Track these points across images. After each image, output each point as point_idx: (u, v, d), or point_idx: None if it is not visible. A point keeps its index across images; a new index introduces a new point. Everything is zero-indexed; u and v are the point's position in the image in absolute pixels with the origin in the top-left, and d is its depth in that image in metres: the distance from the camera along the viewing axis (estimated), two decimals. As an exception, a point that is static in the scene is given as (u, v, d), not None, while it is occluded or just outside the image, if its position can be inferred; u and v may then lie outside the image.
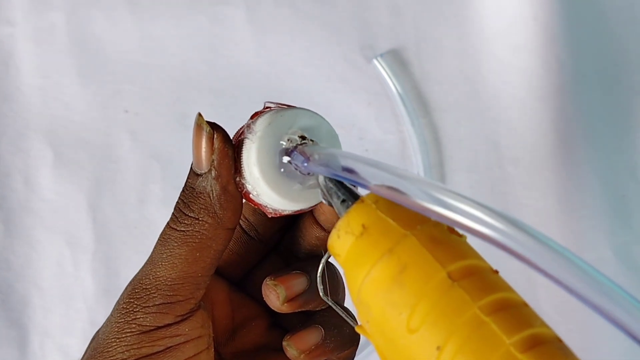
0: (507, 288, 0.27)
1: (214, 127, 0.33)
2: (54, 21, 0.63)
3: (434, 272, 0.27)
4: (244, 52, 0.62)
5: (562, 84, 0.60)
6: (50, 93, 0.63)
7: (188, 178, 0.34)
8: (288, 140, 0.33)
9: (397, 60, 0.61)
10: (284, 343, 0.36)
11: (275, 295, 0.35)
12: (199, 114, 0.33)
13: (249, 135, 0.33)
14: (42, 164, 0.62)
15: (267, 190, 0.33)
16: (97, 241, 0.61)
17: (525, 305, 0.27)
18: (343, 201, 0.31)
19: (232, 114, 0.60)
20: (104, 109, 0.62)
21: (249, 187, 0.33)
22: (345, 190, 0.31)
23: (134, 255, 0.61)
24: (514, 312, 0.26)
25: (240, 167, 0.33)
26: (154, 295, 0.33)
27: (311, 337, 0.36)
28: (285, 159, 0.33)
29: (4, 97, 0.62)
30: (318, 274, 0.33)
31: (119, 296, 0.36)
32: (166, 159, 0.62)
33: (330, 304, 0.33)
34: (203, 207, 0.33)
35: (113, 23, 0.63)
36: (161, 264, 0.33)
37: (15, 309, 0.61)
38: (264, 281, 0.35)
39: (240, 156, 0.33)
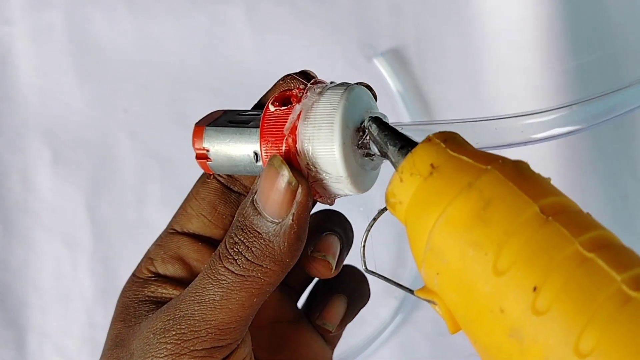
0: (603, 227, 0.25)
1: (298, 179, 0.30)
2: (53, 20, 0.63)
3: (524, 207, 0.24)
4: (244, 51, 0.62)
5: (563, 83, 0.59)
6: (49, 92, 0.62)
7: (249, 217, 0.31)
8: (361, 128, 0.31)
9: (398, 59, 0.61)
10: (319, 322, 0.37)
11: (327, 266, 0.34)
12: (278, 156, 0.31)
13: (320, 128, 0.30)
14: (40, 163, 0.61)
15: (346, 178, 0.31)
16: (95, 241, 0.61)
17: (625, 246, 0.24)
18: (401, 147, 0.28)
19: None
20: (102, 108, 0.62)
21: (320, 175, 0.31)
22: (402, 137, 0.29)
23: (133, 255, 0.60)
24: (617, 249, 0.24)
25: (310, 158, 0.31)
26: (204, 339, 0.31)
27: (338, 307, 0.37)
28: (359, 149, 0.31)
29: (2, 96, 0.62)
30: (361, 243, 0.30)
31: (118, 297, 0.35)
32: (165, 158, 0.61)
33: (376, 276, 0.31)
34: (270, 255, 0.31)
35: (112, 22, 0.62)
36: (214, 307, 0.31)
37: (13, 310, 0.60)
38: (309, 254, 0.34)
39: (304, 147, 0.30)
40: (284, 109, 0.31)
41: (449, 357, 0.59)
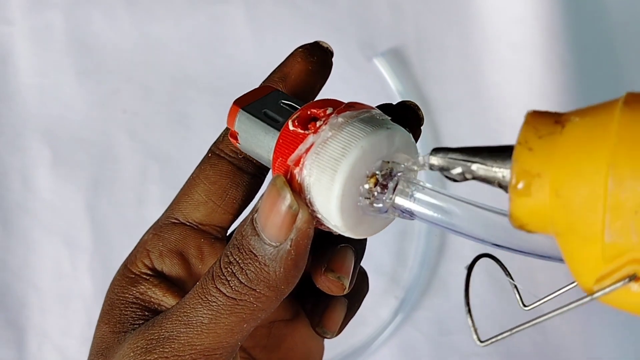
0: None
1: (300, 205, 0.28)
2: (52, 20, 0.62)
3: None
4: (243, 51, 0.62)
5: (564, 83, 0.59)
6: (49, 92, 0.62)
7: (246, 237, 0.29)
8: (374, 176, 0.28)
9: (398, 59, 0.61)
10: (318, 330, 0.36)
11: (340, 287, 0.33)
12: (281, 177, 0.28)
13: (323, 172, 0.27)
14: (40, 163, 0.61)
15: (342, 227, 0.28)
16: (95, 241, 0.61)
17: None
18: (491, 151, 0.24)
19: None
20: (102, 108, 0.62)
21: (318, 215, 0.29)
22: (477, 147, 0.25)
23: (133, 255, 0.61)
24: None
25: (306, 191, 0.28)
26: None
27: (339, 313, 0.36)
28: (366, 200, 0.28)
29: (2, 96, 0.62)
30: (466, 314, 0.26)
31: (108, 289, 0.35)
32: (165, 158, 0.61)
33: (499, 339, 0.25)
34: (264, 280, 0.28)
35: (111, 22, 0.62)
36: (200, 330, 0.29)
37: (12, 310, 0.60)
38: (323, 273, 0.33)
39: (304, 174, 0.28)
40: (300, 132, 0.29)
41: (449, 357, 0.59)
